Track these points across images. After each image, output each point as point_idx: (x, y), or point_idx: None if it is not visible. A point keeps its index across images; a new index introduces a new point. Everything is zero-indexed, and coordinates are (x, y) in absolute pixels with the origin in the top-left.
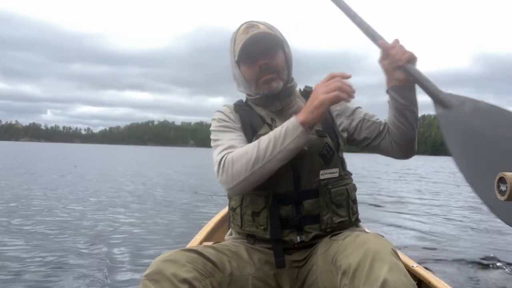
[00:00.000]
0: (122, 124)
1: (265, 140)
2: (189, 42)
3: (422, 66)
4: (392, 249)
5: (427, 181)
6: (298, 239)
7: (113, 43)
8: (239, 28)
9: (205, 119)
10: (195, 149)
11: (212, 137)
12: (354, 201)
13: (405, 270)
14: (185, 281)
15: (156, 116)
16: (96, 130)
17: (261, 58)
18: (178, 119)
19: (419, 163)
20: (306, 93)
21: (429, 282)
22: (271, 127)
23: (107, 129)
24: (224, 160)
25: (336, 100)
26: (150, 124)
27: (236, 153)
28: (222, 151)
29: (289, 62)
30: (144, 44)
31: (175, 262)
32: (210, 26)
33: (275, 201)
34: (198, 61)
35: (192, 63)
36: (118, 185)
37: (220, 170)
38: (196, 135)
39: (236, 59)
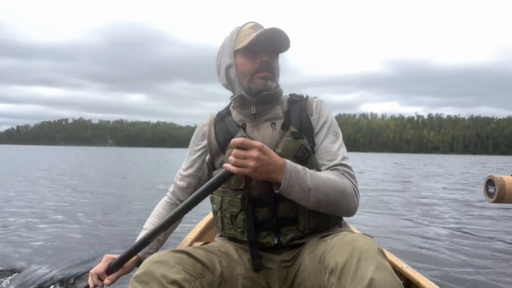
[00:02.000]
0: (32, 122)
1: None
2: (104, 36)
3: (339, 69)
4: (379, 248)
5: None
6: (276, 241)
7: (18, 34)
8: (244, 24)
9: (125, 116)
10: (116, 149)
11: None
12: None
13: (392, 269)
14: (174, 282)
15: (70, 114)
16: (1, 129)
17: (265, 54)
18: (96, 117)
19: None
20: (293, 101)
21: (418, 283)
22: (245, 130)
23: (14, 128)
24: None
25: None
26: (63, 123)
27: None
28: (174, 182)
29: (278, 71)
30: (53, 36)
31: (164, 263)
32: (128, 20)
33: (251, 204)
34: (115, 56)
35: (108, 57)
36: (100, 187)
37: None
38: (115, 134)
39: (239, 47)
